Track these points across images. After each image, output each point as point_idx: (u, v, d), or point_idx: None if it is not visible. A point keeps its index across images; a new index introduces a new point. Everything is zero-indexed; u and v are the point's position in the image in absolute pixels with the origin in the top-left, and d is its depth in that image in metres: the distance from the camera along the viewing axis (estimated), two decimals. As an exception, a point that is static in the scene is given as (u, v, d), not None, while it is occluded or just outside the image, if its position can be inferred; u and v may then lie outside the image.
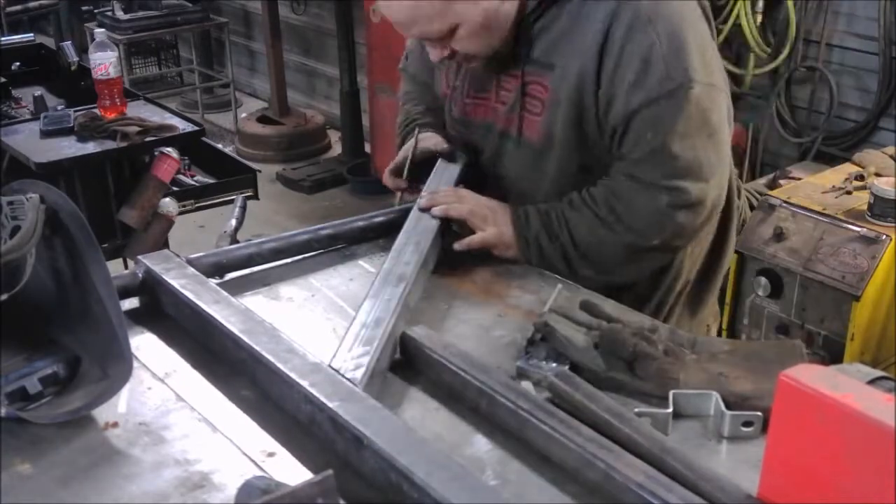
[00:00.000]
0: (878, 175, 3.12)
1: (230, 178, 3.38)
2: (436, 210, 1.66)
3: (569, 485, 1.10)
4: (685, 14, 1.60)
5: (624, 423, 1.15)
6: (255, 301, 1.53)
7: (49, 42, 4.87)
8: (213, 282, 1.49)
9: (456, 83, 1.81)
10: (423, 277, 1.56)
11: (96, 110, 3.15)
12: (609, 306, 1.51)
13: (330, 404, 1.14)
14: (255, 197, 3.33)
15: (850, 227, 2.92)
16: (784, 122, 4.17)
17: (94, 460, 1.12)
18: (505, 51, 1.66)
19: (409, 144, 1.84)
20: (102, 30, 3.38)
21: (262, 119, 6.33)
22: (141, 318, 1.45)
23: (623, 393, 1.29)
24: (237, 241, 1.70)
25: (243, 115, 6.57)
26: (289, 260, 1.66)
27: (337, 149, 6.24)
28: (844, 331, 2.89)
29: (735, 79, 4.06)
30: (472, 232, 1.68)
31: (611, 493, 1.06)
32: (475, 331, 1.48)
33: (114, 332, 1.21)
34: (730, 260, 1.98)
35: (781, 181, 3.48)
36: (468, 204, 1.69)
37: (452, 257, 1.68)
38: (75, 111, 3.16)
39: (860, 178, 3.15)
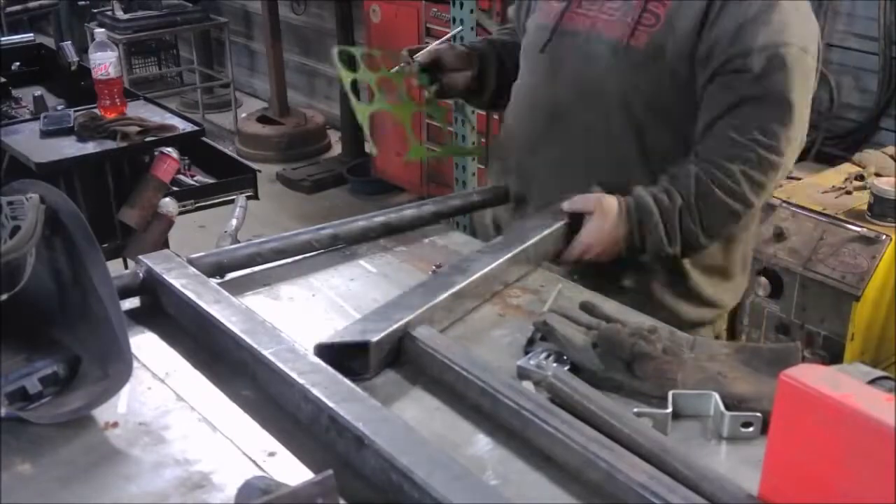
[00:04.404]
0: (878, 175, 3.12)
1: (230, 178, 3.37)
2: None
3: (571, 484, 1.10)
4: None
5: (623, 423, 1.15)
6: (255, 301, 1.53)
7: (49, 42, 4.86)
8: (213, 282, 1.49)
9: None
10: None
11: (96, 110, 3.14)
12: (609, 306, 1.51)
13: (330, 404, 1.14)
14: (256, 197, 3.33)
15: (850, 227, 2.92)
16: (784, 122, 4.16)
17: (94, 460, 1.12)
18: None
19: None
20: (102, 30, 3.37)
21: (262, 119, 6.33)
22: (141, 318, 1.45)
23: (622, 393, 1.29)
24: (238, 241, 1.70)
25: (243, 115, 6.56)
26: (289, 260, 1.66)
27: (337, 149, 6.25)
28: (844, 331, 2.89)
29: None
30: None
31: (613, 494, 1.06)
32: (475, 331, 1.48)
33: (114, 332, 1.21)
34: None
35: (781, 181, 3.48)
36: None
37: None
38: (75, 111, 3.16)
39: (860, 178, 3.15)
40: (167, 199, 3.09)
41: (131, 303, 1.48)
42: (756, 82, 1.64)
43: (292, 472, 1.08)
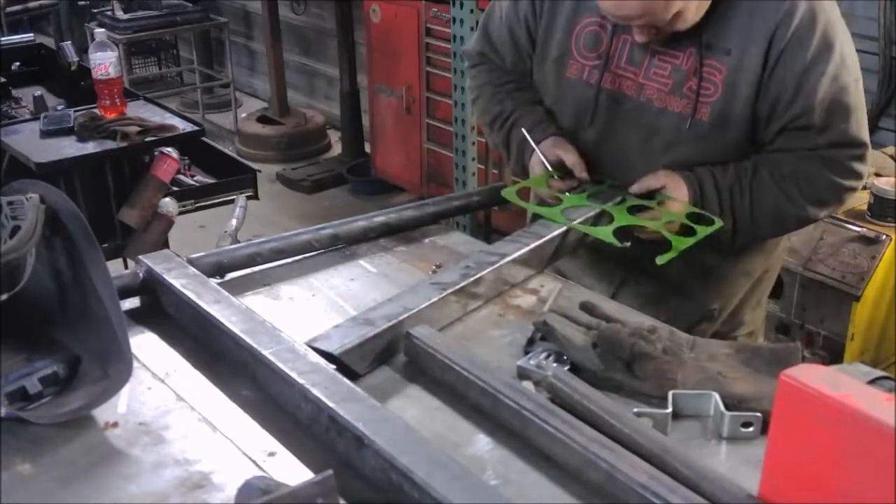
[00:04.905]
0: (878, 175, 3.11)
1: (230, 178, 3.37)
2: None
3: (571, 484, 1.10)
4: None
5: (623, 423, 1.15)
6: (255, 301, 1.53)
7: (49, 42, 4.86)
8: (213, 281, 1.49)
9: (601, 52, 1.81)
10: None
11: (96, 110, 3.14)
12: (609, 306, 1.51)
13: (330, 404, 1.14)
14: (256, 197, 3.33)
15: (850, 227, 2.92)
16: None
17: (94, 460, 1.12)
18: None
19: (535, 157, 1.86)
20: (102, 30, 3.37)
21: (262, 119, 6.33)
22: (141, 318, 1.45)
23: (622, 393, 1.29)
24: (238, 241, 1.70)
25: (243, 115, 6.57)
26: (289, 260, 1.66)
27: (337, 149, 6.25)
28: (844, 331, 2.89)
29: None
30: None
31: (613, 494, 1.06)
32: (475, 331, 1.48)
33: (114, 332, 1.21)
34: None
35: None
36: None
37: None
38: (75, 111, 3.15)
39: (860, 178, 3.14)
40: (167, 199, 3.09)
41: (131, 303, 1.48)
42: (822, 134, 1.69)
43: (292, 472, 1.08)
